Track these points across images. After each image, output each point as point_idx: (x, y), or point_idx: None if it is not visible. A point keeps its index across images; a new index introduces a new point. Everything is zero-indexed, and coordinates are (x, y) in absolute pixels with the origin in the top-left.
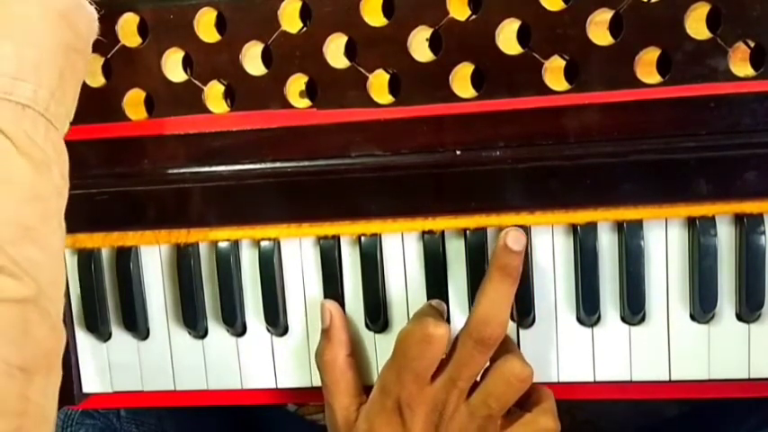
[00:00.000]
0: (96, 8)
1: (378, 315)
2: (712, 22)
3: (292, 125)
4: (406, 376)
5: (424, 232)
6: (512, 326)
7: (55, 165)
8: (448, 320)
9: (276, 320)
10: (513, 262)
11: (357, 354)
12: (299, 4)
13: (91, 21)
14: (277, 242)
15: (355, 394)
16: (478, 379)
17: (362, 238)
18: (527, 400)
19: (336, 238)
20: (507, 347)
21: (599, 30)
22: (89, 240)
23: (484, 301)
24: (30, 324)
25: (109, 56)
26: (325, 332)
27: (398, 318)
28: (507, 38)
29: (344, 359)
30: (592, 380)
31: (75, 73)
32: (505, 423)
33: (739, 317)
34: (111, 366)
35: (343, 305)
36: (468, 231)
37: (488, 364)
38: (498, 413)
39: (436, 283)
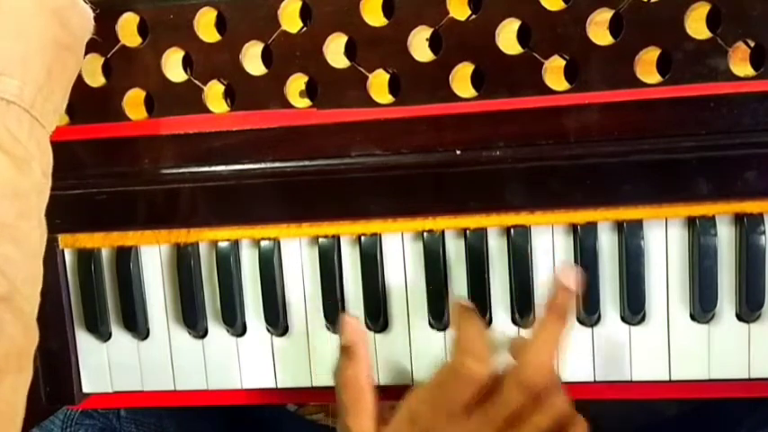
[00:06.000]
0: (92, 7)
1: (378, 315)
2: (712, 21)
3: (292, 125)
4: (441, 410)
5: (424, 232)
6: (512, 326)
7: (37, 162)
8: (448, 322)
9: (276, 320)
10: (567, 302)
11: None
12: (299, 4)
13: (85, 19)
14: (277, 242)
15: (374, 416)
16: None
17: (362, 238)
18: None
19: (336, 238)
20: (554, 379)
21: (599, 30)
22: (89, 240)
23: (538, 346)
24: (2, 323)
25: (109, 56)
26: (347, 349)
27: (398, 318)
28: (507, 38)
29: (366, 377)
30: (592, 380)
31: (65, 71)
32: None
33: (739, 317)
34: (111, 366)
35: (343, 305)
36: (468, 231)
37: None
38: None
39: (436, 283)
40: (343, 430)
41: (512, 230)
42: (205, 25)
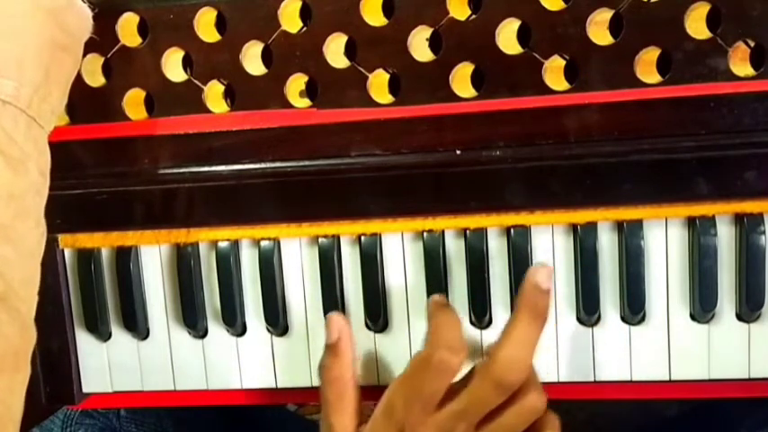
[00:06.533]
0: (90, 6)
1: (378, 315)
2: (712, 21)
3: (292, 125)
4: (415, 402)
5: (424, 232)
6: None
7: (34, 162)
8: None
9: (276, 320)
10: (542, 301)
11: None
12: (299, 4)
13: (82, 19)
14: (277, 242)
15: (356, 414)
16: None
17: (362, 238)
18: (533, 425)
19: (336, 238)
20: (528, 376)
21: (599, 29)
22: (89, 240)
23: (510, 343)
24: None
25: (109, 56)
26: (332, 347)
27: (398, 318)
28: (507, 38)
29: (351, 376)
30: (592, 380)
31: (62, 71)
32: None
33: (739, 317)
34: (111, 366)
35: (343, 305)
36: (468, 231)
37: None
38: None
39: (436, 283)
40: (326, 426)
41: (512, 230)
42: (205, 25)
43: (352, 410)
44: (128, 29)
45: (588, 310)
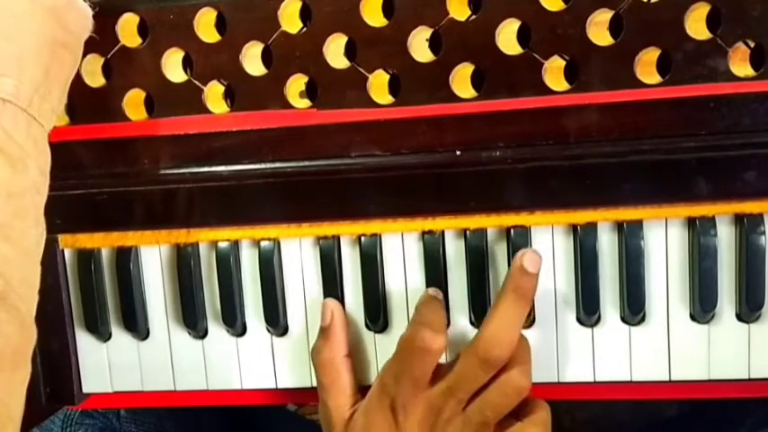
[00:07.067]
0: (90, 4)
1: (378, 315)
2: (712, 22)
3: (292, 125)
4: (405, 380)
5: (424, 232)
6: None
7: (33, 161)
8: (447, 316)
9: (276, 320)
10: (527, 284)
11: (357, 354)
12: (299, 4)
13: (82, 17)
14: (277, 242)
15: (351, 393)
16: None
17: (362, 238)
18: (522, 410)
19: (336, 238)
20: (514, 355)
21: (599, 30)
22: (89, 240)
23: (494, 321)
24: None
25: (109, 56)
26: (325, 330)
27: (398, 318)
28: (507, 38)
29: (342, 359)
30: (592, 380)
31: (62, 69)
32: (498, 430)
33: (739, 317)
34: (111, 366)
35: (343, 305)
36: (468, 231)
37: None
38: (493, 421)
39: (436, 283)
40: (322, 406)
41: (512, 231)
42: (205, 25)
43: (346, 391)
44: (128, 29)
45: (588, 311)
